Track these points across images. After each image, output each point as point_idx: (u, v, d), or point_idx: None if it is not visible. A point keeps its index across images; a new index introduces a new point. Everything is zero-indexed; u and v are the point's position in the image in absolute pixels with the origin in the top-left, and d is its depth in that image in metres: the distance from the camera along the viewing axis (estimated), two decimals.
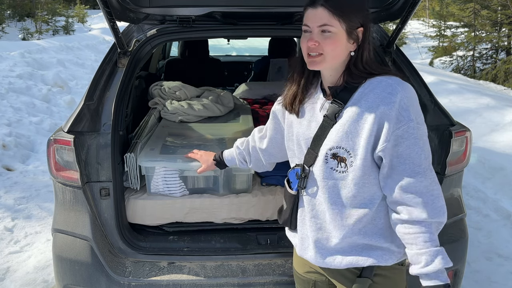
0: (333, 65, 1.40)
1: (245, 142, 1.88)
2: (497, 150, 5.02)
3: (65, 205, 2.03)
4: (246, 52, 10.63)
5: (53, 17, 18.94)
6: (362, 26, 1.38)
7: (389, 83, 1.34)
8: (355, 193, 1.38)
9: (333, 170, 1.39)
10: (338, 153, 1.37)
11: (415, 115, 1.32)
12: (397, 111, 1.30)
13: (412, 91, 1.36)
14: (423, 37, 15.00)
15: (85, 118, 2.02)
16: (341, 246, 1.43)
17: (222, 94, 3.15)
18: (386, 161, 1.33)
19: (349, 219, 1.40)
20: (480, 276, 2.88)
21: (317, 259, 1.48)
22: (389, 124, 1.30)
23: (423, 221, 1.31)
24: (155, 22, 2.45)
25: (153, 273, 1.97)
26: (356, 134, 1.35)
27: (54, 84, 7.60)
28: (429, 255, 1.30)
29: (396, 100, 1.31)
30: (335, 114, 1.39)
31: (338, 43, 1.35)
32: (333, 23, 1.34)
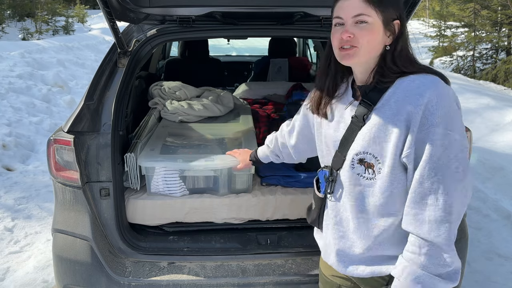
0: (367, 59, 1.30)
1: (274, 140, 1.87)
2: (497, 150, 5.03)
3: (65, 205, 2.03)
4: (246, 52, 10.63)
5: (53, 17, 18.93)
6: (399, 19, 1.29)
7: (421, 82, 1.23)
8: (383, 202, 1.29)
9: (360, 176, 1.31)
10: (365, 159, 1.29)
11: (445, 121, 1.18)
12: (422, 114, 1.19)
13: (447, 94, 1.21)
14: (423, 37, 14.98)
15: (85, 118, 2.02)
16: (364, 256, 1.37)
17: (222, 94, 3.15)
18: (410, 168, 1.24)
19: (375, 229, 1.32)
20: (480, 276, 2.88)
21: (339, 267, 1.43)
22: (414, 127, 1.20)
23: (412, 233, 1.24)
24: (155, 22, 2.45)
25: (153, 273, 1.97)
26: (384, 139, 1.25)
27: (54, 84, 7.60)
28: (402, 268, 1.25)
29: (423, 102, 1.19)
30: (364, 115, 1.30)
31: (375, 35, 1.26)
32: (369, 12, 1.25)
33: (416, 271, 1.22)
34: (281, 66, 4.61)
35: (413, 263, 1.23)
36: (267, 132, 2.84)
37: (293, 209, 2.24)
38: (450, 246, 1.21)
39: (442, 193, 1.19)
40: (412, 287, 1.23)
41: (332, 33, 1.33)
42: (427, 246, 1.21)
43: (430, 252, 1.21)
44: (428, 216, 1.20)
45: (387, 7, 1.27)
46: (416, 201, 1.22)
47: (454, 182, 1.19)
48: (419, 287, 1.22)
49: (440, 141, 1.18)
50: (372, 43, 1.27)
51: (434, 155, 1.18)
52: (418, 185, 1.21)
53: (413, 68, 1.29)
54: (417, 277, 1.22)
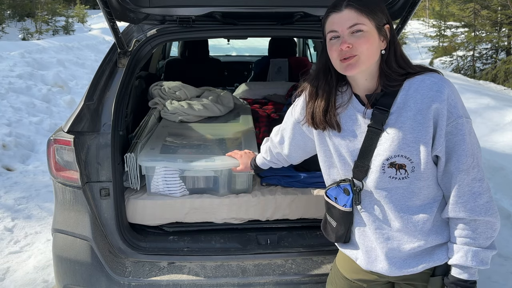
0: (368, 66, 1.33)
1: (268, 151, 1.89)
2: (497, 150, 5.03)
3: (65, 205, 2.03)
4: (246, 52, 10.63)
5: (53, 17, 18.93)
6: (388, 23, 1.35)
7: (433, 81, 1.30)
8: (420, 196, 1.35)
9: (392, 178, 1.33)
10: (396, 161, 1.32)
11: (463, 110, 1.30)
12: (447, 108, 1.27)
13: (454, 87, 1.33)
14: (423, 37, 14.99)
15: (85, 118, 2.02)
16: (414, 252, 1.39)
17: (222, 94, 3.15)
18: (442, 160, 1.31)
19: (419, 223, 1.36)
20: (480, 276, 2.85)
21: (392, 270, 1.42)
22: (442, 122, 1.28)
23: (462, 218, 1.32)
24: (155, 22, 2.45)
25: (153, 273, 1.97)
26: (413, 140, 1.29)
27: (54, 84, 7.60)
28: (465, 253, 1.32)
29: (445, 97, 1.27)
30: (381, 122, 1.33)
31: (372, 41, 1.31)
32: (363, 21, 1.30)
33: (477, 251, 1.32)
34: (281, 66, 4.61)
35: (471, 245, 1.32)
36: (267, 132, 2.84)
37: (293, 209, 2.24)
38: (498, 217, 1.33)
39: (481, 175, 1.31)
40: (478, 267, 1.32)
41: (329, 48, 1.36)
42: (482, 225, 1.31)
43: (485, 229, 1.31)
44: (480, 199, 1.30)
45: (376, 14, 1.33)
46: (465, 190, 1.30)
47: (481, 162, 1.32)
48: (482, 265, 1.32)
49: (468, 129, 1.29)
50: (370, 50, 1.31)
51: (469, 143, 1.29)
52: (465, 175, 1.29)
53: (414, 69, 1.35)
54: (479, 257, 1.32)
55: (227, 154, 2.17)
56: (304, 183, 2.29)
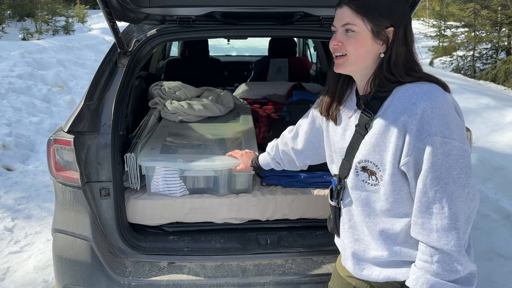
0: (360, 68, 1.33)
1: (275, 147, 1.88)
2: (497, 150, 5.03)
3: (65, 205, 2.03)
4: (246, 52, 10.63)
5: (53, 17, 18.94)
6: (393, 26, 1.29)
7: (415, 91, 1.23)
8: (389, 207, 1.31)
9: (365, 182, 1.34)
10: (367, 167, 1.32)
11: (442, 129, 1.18)
12: (418, 123, 1.19)
13: (442, 101, 1.21)
14: (423, 37, 14.97)
15: (85, 118, 2.02)
16: (379, 259, 1.38)
17: (222, 94, 3.15)
18: (410, 176, 1.25)
19: (385, 232, 1.34)
20: (480, 276, 2.86)
21: (356, 270, 1.44)
22: (411, 137, 1.20)
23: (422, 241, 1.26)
24: (155, 22, 2.45)
25: (153, 273, 1.97)
26: (383, 148, 1.27)
27: (54, 84, 7.60)
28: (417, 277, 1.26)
29: (418, 111, 1.20)
30: (365, 124, 1.32)
31: (361, 43, 1.28)
32: (356, 22, 1.28)
33: (430, 279, 1.23)
34: (281, 66, 4.61)
35: (426, 271, 1.24)
36: (267, 132, 2.84)
37: (293, 209, 2.24)
38: (461, 252, 1.22)
39: (446, 201, 1.20)
40: None
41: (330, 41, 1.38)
42: (437, 254, 1.22)
43: (441, 259, 1.22)
44: (435, 224, 1.22)
45: (375, 16, 1.28)
46: (422, 210, 1.23)
47: (458, 188, 1.20)
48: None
49: (440, 150, 1.18)
50: (359, 52, 1.29)
51: (435, 164, 1.19)
52: (422, 194, 1.23)
53: (410, 78, 1.28)
54: (431, 285, 1.23)
55: (228, 154, 2.17)
56: (304, 183, 2.29)
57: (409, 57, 1.31)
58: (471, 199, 1.22)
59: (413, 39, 1.34)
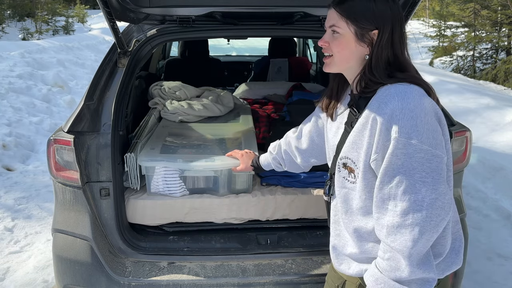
0: (345, 68, 1.37)
1: (277, 147, 1.90)
2: (497, 150, 5.03)
3: (65, 205, 2.03)
4: (246, 52, 10.63)
5: (53, 17, 18.94)
6: (377, 29, 1.31)
7: (389, 92, 1.26)
8: (363, 205, 1.35)
9: (345, 179, 1.39)
10: (347, 163, 1.36)
11: (409, 131, 1.19)
12: (387, 122, 1.22)
13: (414, 104, 1.22)
14: (423, 37, 14.98)
15: (85, 118, 2.02)
16: (356, 255, 1.41)
17: (222, 94, 3.15)
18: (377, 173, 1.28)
19: (359, 230, 1.38)
20: (480, 276, 2.88)
21: (335, 264, 1.50)
22: (379, 135, 1.24)
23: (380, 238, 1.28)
24: (155, 22, 2.45)
25: (153, 273, 1.97)
26: (360, 145, 1.31)
27: (54, 84, 7.60)
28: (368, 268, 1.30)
29: (388, 111, 1.22)
30: (351, 122, 1.36)
31: (345, 45, 1.33)
32: (340, 24, 1.32)
33: (376, 273, 1.27)
34: (281, 66, 4.61)
35: (376, 265, 1.28)
36: (267, 132, 2.84)
37: (293, 209, 2.24)
38: (406, 253, 1.21)
39: (401, 200, 1.20)
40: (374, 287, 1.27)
41: None
42: (388, 252, 1.24)
43: (391, 257, 1.24)
44: (386, 221, 1.24)
45: (358, 19, 1.31)
46: (378, 205, 1.26)
47: (421, 192, 1.19)
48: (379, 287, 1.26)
49: (402, 150, 1.19)
50: (342, 53, 1.34)
51: (395, 163, 1.21)
52: (378, 190, 1.25)
53: (392, 80, 1.29)
54: (376, 279, 1.27)
55: (228, 154, 2.17)
56: (304, 183, 2.29)
57: (393, 60, 1.32)
58: (440, 206, 1.20)
59: (402, 41, 1.34)
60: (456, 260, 1.39)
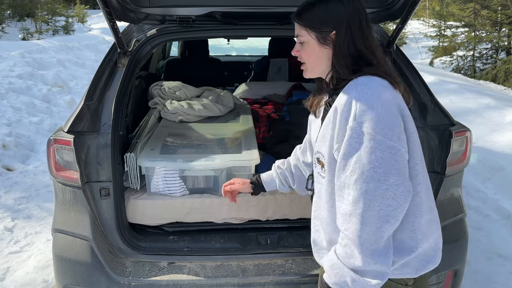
0: (319, 72, 1.44)
1: (286, 162, 1.82)
2: (497, 150, 5.02)
3: (65, 205, 2.03)
4: (246, 52, 10.63)
5: (53, 17, 18.93)
6: (335, 29, 1.36)
7: (350, 84, 1.32)
8: (329, 199, 1.39)
9: (319, 175, 1.43)
10: (320, 158, 1.41)
11: (366, 121, 1.22)
12: (346, 113, 1.27)
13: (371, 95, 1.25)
14: (423, 37, 15.00)
15: (85, 118, 2.02)
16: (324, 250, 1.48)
17: (222, 94, 3.15)
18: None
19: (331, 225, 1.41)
20: (480, 276, 2.88)
21: (317, 258, 1.55)
22: (339, 126, 1.29)
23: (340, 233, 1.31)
24: (155, 22, 2.45)
25: (153, 273, 1.97)
26: (326, 138, 1.36)
27: (54, 84, 7.60)
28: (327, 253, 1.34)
29: (346, 102, 1.28)
30: (324, 117, 1.43)
31: (311, 51, 1.40)
32: (301, 33, 1.41)
33: (332, 258, 1.31)
34: (281, 66, 4.61)
35: (334, 251, 1.32)
36: (267, 132, 2.84)
37: (293, 209, 2.24)
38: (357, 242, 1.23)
39: (353, 189, 1.24)
40: (327, 271, 1.31)
41: None
42: (345, 238, 1.27)
43: (346, 243, 1.27)
44: (342, 208, 1.28)
45: (316, 25, 1.38)
46: (338, 193, 1.31)
47: (372, 181, 1.22)
48: (332, 272, 1.29)
49: (356, 139, 1.23)
50: (311, 58, 1.42)
51: (349, 152, 1.24)
52: (336, 178, 1.30)
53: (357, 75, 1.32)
54: (332, 264, 1.30)
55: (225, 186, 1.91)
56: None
57: (357, 55, 1.36)
58: (391, 197, 1.22)
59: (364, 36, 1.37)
60: (433, 259, 1.39)
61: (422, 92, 2.17)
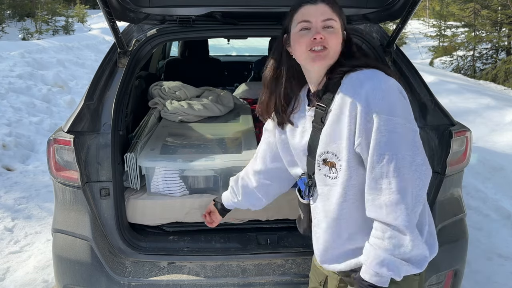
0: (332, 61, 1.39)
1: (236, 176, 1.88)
2: (497, 150, 5.02)
3: (65, 205, 2.03)
4: (246, 52, 10.62)
5: (53, 17, 18.93)
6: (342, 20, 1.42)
7: (359, 77, 1.32)
8: (346, 199, 1.36)
9: (326, 176, 1.39)
10: (328, 158, 1.37)
11: (387, 107, 1.25)
12: (365, 104, 1.26)
13: (384, 83, 1.29)
14: (423, 37, 14.99)
15: (85, 118, 2.02)
16: (341, 252, 1.44)
17: (222, 94, 3.15)
18: (364, 157, 1.30)
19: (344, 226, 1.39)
20: (480, 276, 2.88)
21: (323, 264, 1.52)
22: (360, 119, 1.27)
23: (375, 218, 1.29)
24: (155, 22, 2.45)
25: (153, 273, 1.97)
26: (338, 135, 1.33)
27: (54, 84, 7.60)
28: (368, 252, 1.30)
29: (362, 93, 1.27)
30: (321, 118, 1.38)
31: (339, 38, 1.38)
32: (335, 18, 1.37)
33: (380, 255, 1.27)
34: None
35: (377, 247, 1.28)
36: None
37: (293, 209, 2.22)
38: (409, 228, 1.24)
39: (394, 176, 1.24)
40: (377, 270, 1.27)
41: (297, 39, 1.40)
42: (389, 230, 1.26)
43: (392, 235, 1.25)
44: (383, 200, 1.26)
45: (342, 14, 1.41)
46: (372, 186, 1.28)
47: (406, 164, 1.24)
48: (384, 270, 1.26)
49: (384, 127, 1.24)
50: (337, 46, 1.38)
51: (381, 141, 1.24)
52: (370, 171, 1.27)
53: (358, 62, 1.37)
54: (381, 260, 1.26)
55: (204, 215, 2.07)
56: None
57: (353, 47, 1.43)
58: (418, 177, 1.25)
59: None
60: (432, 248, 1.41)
61: (422, 92, 2.17)
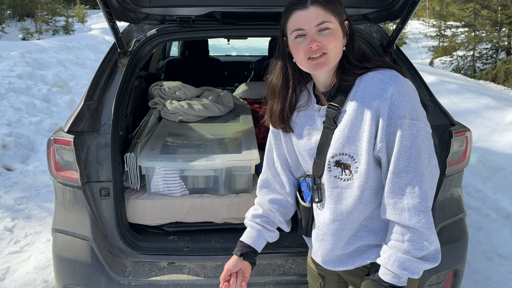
0: (335, 64, 1.35)
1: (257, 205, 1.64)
2: (497, 150, 5.02)
3: (65, 205, 2.03)
4: (246, 52, 10.63)
5: (53, 17, 18.92)
6: (347, 19, 1.37)
7: (380, 78, 1.28)
8: (362, 200, 1.33)
9: (337, 178, 1.35)
10: (341, 160, 1.32)
11: (410, 111, 1.24)
12: (389, 108, 1.24)
13: (406, 86, 1.27)
14: (423, 37, 14.99)
15: (85, 118, 2.02)
16: (346, 253, 1.42)
17: (222, 94, 3.15)
18: (384, 161, 1.29)
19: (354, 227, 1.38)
20: (480, 276, 2.88)
21: (326, 265, 1.48)
22: (383, 122, 1.25)
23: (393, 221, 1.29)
24: (155, 22, 2.45)
25: (153, 273, 1.97)
26: (357, 138, 1.29)
27: (54, 84, 7.60)
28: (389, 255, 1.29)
29: (387, 96, 1.24)
30: (334, 118, 1.34)
31: (338, 39, 1.32)
32: (330, 18, 1.30)
33: (401, 257, 1.27)
34: None
35: (397, 250, 1.28)
36: (267, 132, 2.83)
37: None
38: (430, 230, 1.26)
39: (417, 181, 1.25)
40: (399, 273, 1.27)
41: (295, 47, 1.35)
42: (409, 233, 1.26)
43: (413, 238, 1.26)
44: (406, 204, 1.25)
45: (339, 11, 1.34)
46: (394, 191, 1.27)
47: (426, 168, 1.26)
48: (405, 273, 1.26)
49: (408, 131, 1.24)
50: (338, 47, 1.33)
51: (405, 145, 1.24)
52: (394, 175, 1.26)
53: (371, 64, 1.34)
54: (402, 263, 1.27)
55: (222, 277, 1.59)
56: None
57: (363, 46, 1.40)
58: (431, 178, 1.28)
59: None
60: None
61: (422, 92, 2.17)
